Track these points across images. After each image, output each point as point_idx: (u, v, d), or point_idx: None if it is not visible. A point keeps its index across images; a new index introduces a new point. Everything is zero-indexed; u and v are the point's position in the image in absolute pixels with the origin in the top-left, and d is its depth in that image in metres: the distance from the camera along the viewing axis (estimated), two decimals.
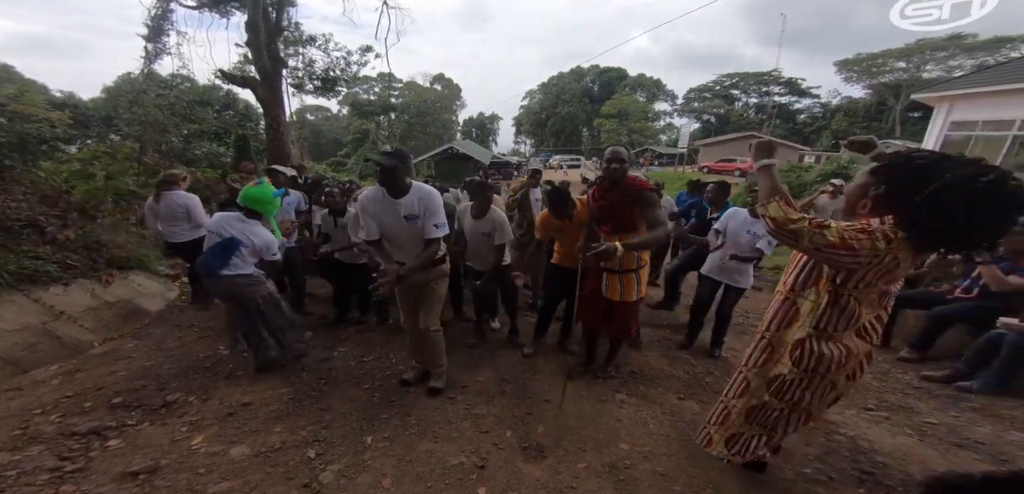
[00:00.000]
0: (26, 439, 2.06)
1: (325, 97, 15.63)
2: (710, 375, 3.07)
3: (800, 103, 43.46)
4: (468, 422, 2.38)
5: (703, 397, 2.74)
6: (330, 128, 44.45)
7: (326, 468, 1.96)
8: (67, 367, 2.89)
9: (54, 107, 5.62)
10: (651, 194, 2.38)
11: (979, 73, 13.02)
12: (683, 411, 2.56)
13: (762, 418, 1.67)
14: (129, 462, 1.93)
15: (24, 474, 1.82)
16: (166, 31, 10.16)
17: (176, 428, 2.22)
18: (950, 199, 1.13)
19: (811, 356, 1.45)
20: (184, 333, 3.55)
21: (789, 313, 1.52)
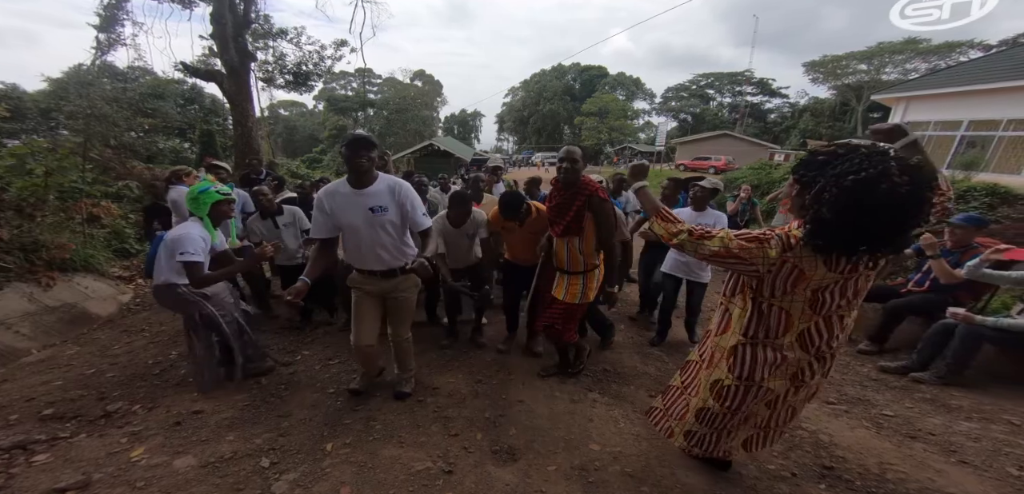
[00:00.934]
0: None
1: (298, 92, 15.16)
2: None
3: (771, 103, 45.12)
4: (437, 425, 2.31)
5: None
6: (305, 124, 43.26)
7: (280, 477, 1.86)
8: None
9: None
10: (602, 200, 2.34)
11: (931, 76, 13.81)
12: (654, 409, 2.55)
13: (709, 420, 1.69)
14: (57, 478, 1.78)
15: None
16: (121, 21, 9.59)
17: (115, 440, 2.06)
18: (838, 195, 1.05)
19: (743, 363, 1.45)
20: (133, 338, 3.34)
21: (724, 319, 1.54)
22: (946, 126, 10.28)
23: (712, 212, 3.29)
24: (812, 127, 34.90)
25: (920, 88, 11.32)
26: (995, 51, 16.15)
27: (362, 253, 2.16)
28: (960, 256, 2.99)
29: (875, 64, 30.88)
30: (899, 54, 29.40)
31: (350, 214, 2.07)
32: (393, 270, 2.21)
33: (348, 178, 2.10)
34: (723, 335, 1.54)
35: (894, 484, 1.93)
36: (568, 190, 2.37)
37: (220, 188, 2.43)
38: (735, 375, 1.48)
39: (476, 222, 3.00)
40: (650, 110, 53.13)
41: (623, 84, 52.71)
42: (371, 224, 2.08)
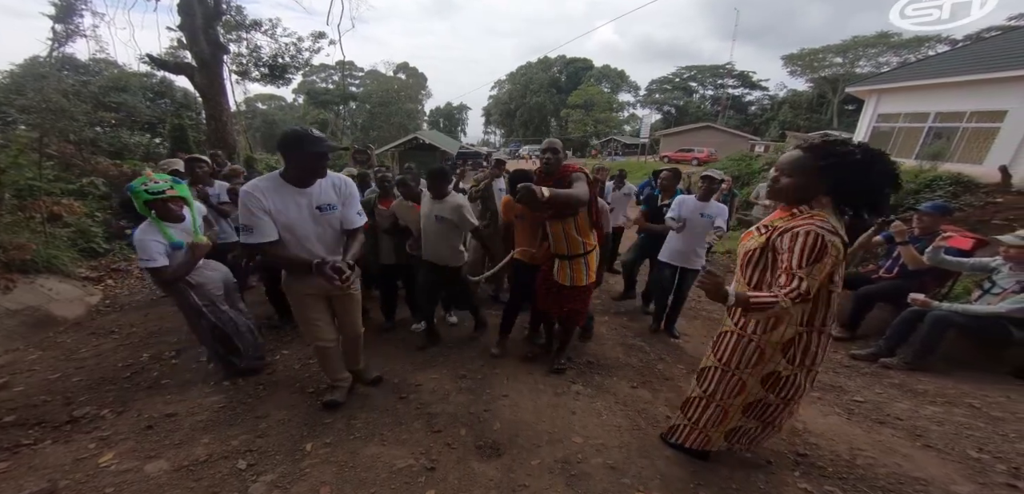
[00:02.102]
0: None
1: (275, 85, 14.71)
2: (662, 362, 3.14)
3: (751, 95, 46.05)
4: (420, 422, 2.30)
5: (656, 385, 2.80)
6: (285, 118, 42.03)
7: (258, 479, 1.82)
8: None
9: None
10: (578, 173, 2.42)
11: (901, 69, 14.25)
12: (636, 400, 2.59)
13: (760, 412, 1.78)
14: (20, 486, 1.71)
15: None
16: (79, 11, 9.10)
17: (82, 445, 1.98)
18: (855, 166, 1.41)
19: (805, 351, 1.56)
20: (102, 341, 3.21)
21: (771, 318, 1.58)
22: (915, 118, 10.63)
23: (715, 204, 3.32)
24: (791, 119, 35.80)
25: (891, 81, 11.65)
26: (961, 45, 16.78)
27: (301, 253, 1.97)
28: (927, 243, 3.13)
29: (850, 57, 31.76)
30: (872, 47, 30.32)
31: (293, 216, 1.90)
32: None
33: (290, 176, 1.90)
34: (773, 332, 1.58)
35: (863, 469, 2.00)
36: (552, 179, 2.42)
37: (150, 186, 2.17)
38: (796, 363, 1.59)
39: (454, 205, 2.77)
40: (635, 102, 53.71)
41: (608, 77, 53.01)
42: (319, 223, 1.97)
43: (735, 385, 1.74)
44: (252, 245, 1.84)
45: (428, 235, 2.90)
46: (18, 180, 4.32)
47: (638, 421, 2.36)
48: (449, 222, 2.79)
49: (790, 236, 1.43)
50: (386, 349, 3.13)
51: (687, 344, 3.50)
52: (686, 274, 3.41)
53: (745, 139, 27.96)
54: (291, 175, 1.90)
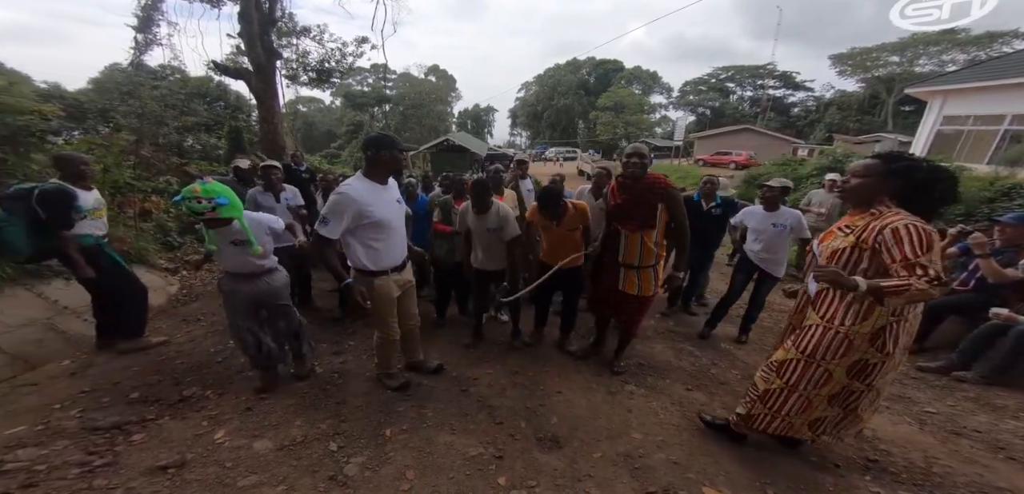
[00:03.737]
0: (50, 434, 2.05)
1: (320, 89, 15.43)
2: (716, 366, 3.14)
3: (794, 96, 43.89)
4: (483, 414, 2.43)
5: (711, 388, 2.82)
6: (323, 119, 43.91)
7: (350, 460, 1.98)
8: (78, 362, 2.86)
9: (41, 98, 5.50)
10: (677, 192, 2.43)
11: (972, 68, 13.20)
12: (691, 402, 2.63)
13: (844, 399, 1.83)
14: (157, 456, 1.93)
15: (54, 468, 1.82)
16: (156, 21, 9.93)
17: (197, 423, 2.21)
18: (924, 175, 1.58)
19: (895, 340, 1.63)
20: (192, 327, 3.54)
21: (863, 307, 1.63)
22: (988, 120, 9.87)
23: (786, 211, 3.22)
24: (838, 121, 33.88)
25: (959, 81, 10.83)
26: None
27: (392, 246, 2.24)
28: (1014, 255, 2.96)
29: (908, 56, 29.79)
30: (935, 45, 28.25)
31: (385, 208, 2.14)
32: (406, 260, 2.41)
33: (373, 174, 2.13)
34: (864, 321, 1.64)
35: (941, 477, 1.97)
36: (638, 185, 2.44)
37: (193, 205, 2.08)
38: (885, 351, 1.65)
39: (499, 215, 2.85)
40: (667, 104, 52.45)
41: (639, 78, 52.02)
42: (398, 213, 2.27)
43: (820, 376, 1.78)
44: (323, 237, 2.01)
45: (482, 245, 2.97)
46: (117, 179, 4.81)
47: (696, 421, 2.39)
48: (498, 232, 2.87)
49: (892, 231, 1.51)
50: (439, 345, 3.28)
51: (739, 350, 3.47)
52: (765, 280, 3.36)
53: (787, 142, 26.69)
54: (375, 173, 2.13)
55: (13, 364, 2.74)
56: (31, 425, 2.12)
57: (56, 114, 4.94)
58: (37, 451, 1.91)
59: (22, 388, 2.50)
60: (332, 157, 24.95)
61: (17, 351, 2.85)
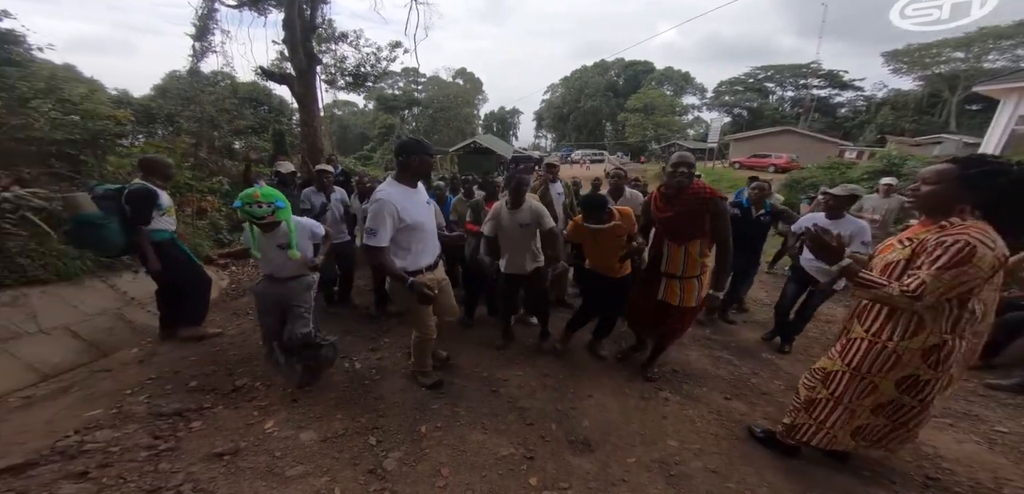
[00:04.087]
0: (122, 418, 2.24)
1: (355, 93, 16.01)
2: (756, 376, 3.04)
3: (841, 96, 41.42)
4: (513, 415, 2.45)
5: (751, 398, 2.73)
6: (357, 122, 45.40)
7: (388, 455, 2.05)
8: (144, 351, 3.11)
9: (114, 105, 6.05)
10: (725, 206, 2.35)
11: None
12: (730, 411, 2.55)
13: (892, 412, 1.76)
14: (213, 443, 2.07)
15: (126, 450, 1.98)
16: (211, 29, 10.66)
17: (248, 412, 2.35)
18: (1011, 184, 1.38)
19: (949, 356, 1.54)
20: (242, 320, 3.76)
21: (912, 323, 1.56)
22: None
23: (850, 220, 3.03)
24: (892, 121, 31.69)
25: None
26: None
27: (426, 246, 2.30)
28: None
29: (975, 51, 27.49)
30: (1007, 39, 25.95)
31: (418, 212, 2.20)
32: (439, 258, 2.47)
33: (405, 179, 2.20)
34: (913, 337, 1.57)
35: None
36: (684, 196, 2.38)
37: (254, 210, 2.16)
38: (937, 369, 1.58)
39: (532, 210, 2.85)
40: (700, 105, 50.84)
41: (671, 79, 50.80)
42: (430, 215, 2.33)
43: (865, 388, 1.73)
44: (375, 247, 2.06)
45: (511, 245, 2.96)
46: (178, 180, 5.21)
47: (735, 431, 2.33)
48: (530, 227, 2.87)
49: (937, 241, 1.43)
50: (468, 347, 3.30)
51: (781, 360, 3.34)
52: (818, 293, 3.24)
53: (832, 144, 25.19)
54: (406, 177, 2.21)
55: (89, 350, 3.03)
56: (106, 408, 2.31)
57: (128, 119, 5.42)
58: (111, 433, 2.09)
59: (98, 373, 2.75)
60: (364, 159, 25.75)
61: (92, 338, 3.14)
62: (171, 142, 6.17)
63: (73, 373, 2.76)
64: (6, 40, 5.40)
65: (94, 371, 2.77)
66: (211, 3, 10.49)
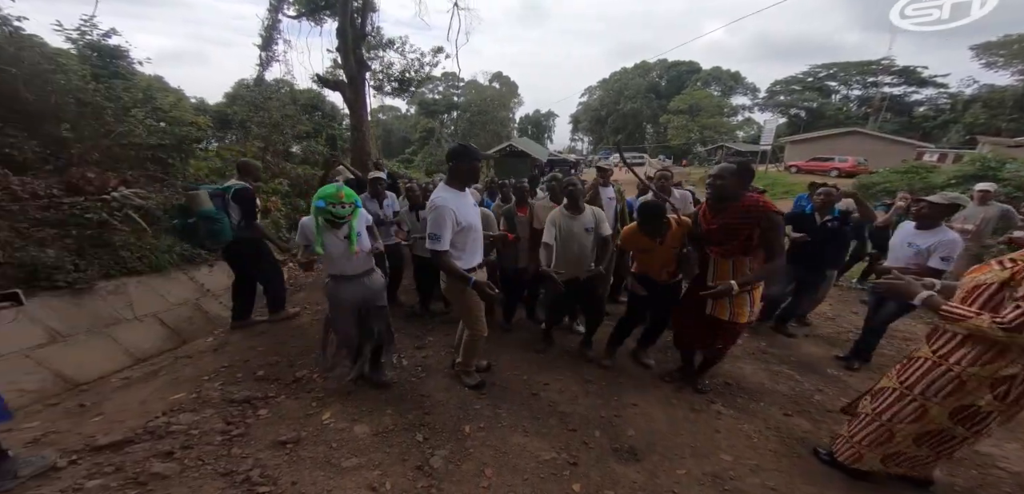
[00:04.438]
0: (200, 402, 2.46)
1: (400, 98, 16.64)
2: (821, 393, 2.84)
3: (919, 93, 37.52)
4: (554, 419, 2.45)
5: (814, 415, 2.57)
6: (399, 126, 47.08)
7: (435, 453, 2.11)
8: (218, 339, 3.40)
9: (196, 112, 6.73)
10: (777, 217, 2.20)
11: None
12: (791, 428, 2.41)
13: (937, 442, 1.64)
14: (278, 432, 2.21)
15: (204, 434, 2.17)
16: (276, 39, 11.60)
17: (307, 403, 2.50)
18: None
19: (1017, 389, 1.41)
20: (301, 314, 4.03)
21: (989, 351, 1.42)
22: None
23: (947, 231, 2.66)
24: (985, 120, 28.25)
25: None
26: None
27: (476, 246, 2.38)
28: None
29: None
30: None
31: (470, 214, 2.27)
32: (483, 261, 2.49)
33: (456, 183, 2.27)
34: (986, 365, 1.44)
35: None
36: (734, 207, 2.26)
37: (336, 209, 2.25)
38: (1004, 400, 1.45)
39: (595, 215, 2.84)
40: (751, 106, 48.15)
41: (719, 79, 48.60)
42: (477, 217, 2.37)
43: (913, 412, 1.60)
44: (439, 251, 2.15)
45: (570, 250, 2.88)
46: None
47: (797, 449, 2.19)
48: (592, 232, 2.84)
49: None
50: (507, 350, 3.31)
51: (851, 378, 3.09)
52: (888, 303, 2.96)
53: (908, 146, 22.82)
54: (456, 181, 2.28)
55: (173, 337, 3.38)
56: (188, 393, 2.55)
57: (207, 125, 6.01)
58: (192, 417, 2.30)
59: (181, 359, 3.05)
60: (406, 162, 26.65)
61: (176, 326, 3.51)
62: (242, 146, 6.75)
63: (160, 358, 3.09)
64: (114, 55, 6.15)
65: (178, 357, 3.08)
66: (275, 14, 11.41)
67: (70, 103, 4.41)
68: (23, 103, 3.96)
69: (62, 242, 3.30)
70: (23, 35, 4.39)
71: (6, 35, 4.15)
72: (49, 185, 3.55)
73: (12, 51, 4.03)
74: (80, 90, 4.60)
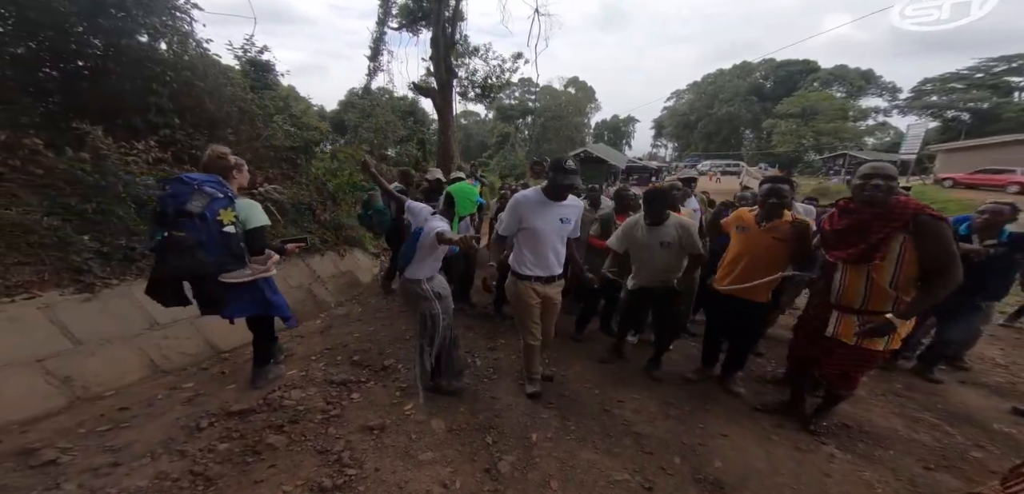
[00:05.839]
0: (307, 381, 2.75)
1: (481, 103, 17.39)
2: (982, 450, 2.32)
3: None
4: (628, 439, 2.33)
5: (968, 473, 2.11)
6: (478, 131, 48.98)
7: (502, 457, 2.12)
8: (324, 322, 3.85)
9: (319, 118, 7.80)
10: (938, 223, 1.78)
11: None
12: (933, 484, 2.02)
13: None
14: (367, 417, 2.36)
15: (308, 411, 2.38)
16: (381, 51, 13.03)
17: (392, 392, 2.67)
18: None
19: None
20: (392, 304, 4.40)
21: None
22: None
23: None
24: None
25: None
26: None
27: (540, 258, 2.40)
28: None
29: None
30: None
31: (539, 220, 2.32)
32: (557, 275, 2.50)
33: (548, 191, 2.35)
34: None
35: None
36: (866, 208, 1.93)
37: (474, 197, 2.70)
38: None
39: (679, 226, 2.67)
40: (890, 109, 40.76)
41: (843, 78, 42.26)
42: (558, 231, 2.38)
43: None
44: (502, 236, 2.42)
45: (645, 262, 2.79)
46: (355, 180, 6.45)
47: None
48: (672, 247, 2.68)
49: None
50: (579, 362, 3.23)
51: None
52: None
53: None
54: (548, 190, 2.33)
55: None
56: (298, 370, 2.88)
57: (327, 130, 6.95)
58: (300, 394, 2.57)
59: (296, 338, 3.49)
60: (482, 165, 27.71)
61: (293, 308, 4.06)
62: (354, 150, 7.67)
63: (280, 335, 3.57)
64: (265, 69, 7.41)
65: (294, 336, 3.55)
66: (382, 27, 12.83)
67: (234, 111, 5.33)
68: (207, 111, 4.90)
69: None
70: (209, 54, 5.37)
71: (198, 55, 5.12)
72: None
73: (202, 68, 4.97)
74: (241, 100, 5.55)
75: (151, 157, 3.85)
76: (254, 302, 2.41)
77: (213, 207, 2.08)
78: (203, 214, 2.03)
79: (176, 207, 1.98)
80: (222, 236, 2.12)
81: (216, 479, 1.87)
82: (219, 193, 2.13)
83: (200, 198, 2.04)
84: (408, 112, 17.10)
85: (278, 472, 1.94)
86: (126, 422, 2.26)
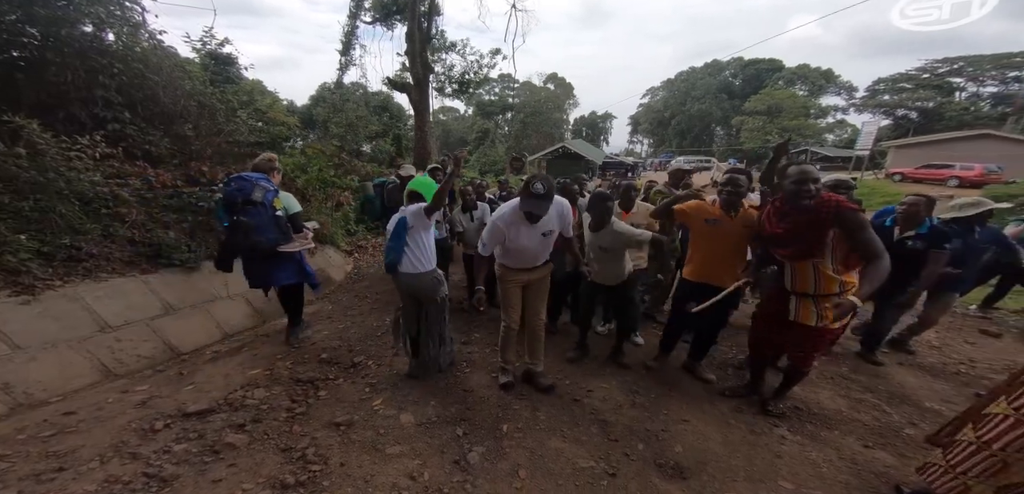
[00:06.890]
0: (272, 379, 2.72)
1: (460, 99, 17.22)
2: (915, 427, 2.48)
3: None
4: (596, 427, 2.39)
5: (903, 450, 2.26)
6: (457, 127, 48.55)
7: (472, 448, 2.14)
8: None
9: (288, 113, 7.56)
10: (855, 214, 1.95)
11: None
12: (871, 461, 2.15)
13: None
14: (334, 414, 2.37)
15: (272, 409, 2.39)
16: (354, 45, 12.68)
17: (362, 388, 2.66)
18: None
19: None
20: (362, 302, 4.34)
21: None
22: None
23: None
24: None
25: None
26: None
27: (524, 260, 2.49)
28: None
29: None
30: None
31: (524, 239, 2.39)
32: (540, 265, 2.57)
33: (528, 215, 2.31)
34: None
35: None
36: (800, 208, 2.06)
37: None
38: None
39: (613, 233, 2.74)
40: (847, 107, 43.12)
41: (805, 77, 44.31)
42: (542, 243, 2.44)
43: (990, 465, 1.41)
44: (483, 257, 2.48)
45: (596, 260, 2.87)
46: (325, 177, 6.29)
47: (877, 484, 1.96)
48: (610, 252, 2.78)
49: None
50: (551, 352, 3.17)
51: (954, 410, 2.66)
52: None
53: None
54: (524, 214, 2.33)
55: (255, 316, 3.81)
56: (263, 369, 2.83)
57: (295, 125, 6.73)
58: (264, 393, 2.54)
59: (261, 337, 3.42)
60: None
61: (259, 307, 3.95)
62: (324, 146, 7.47)
63: (243, 335, 3.48)
64: (226, 62, 7.13)
65: (258, 335, 3.46)
66: (354, 21, 12.49)
67: (193, 105, 5.13)
68: (161, 105, 4.69)
69: (180, 226, 3.88)
70: (163, 46, 5.16)
71: (151, 47, 4.90)
72: (175, 177, 4.18)
73: (155, 60, 4.76)
74: (201, 94, 5.34)
75: (98, 152, 3.65)
76: (296, 270, 3.10)
77: (267, 197, 2.75)
78: (263, 202, 2.70)
79: (243, 197, 2.64)
80: (275, 218, 2.84)
81: (171, 480, 1.82)
82: (270, 187, 2.82)
83: (259, 190, 2.71)
84: (382, 107, 16.74)
85: (238, 471, 1.90)
86: (72, 427, 2.15)
